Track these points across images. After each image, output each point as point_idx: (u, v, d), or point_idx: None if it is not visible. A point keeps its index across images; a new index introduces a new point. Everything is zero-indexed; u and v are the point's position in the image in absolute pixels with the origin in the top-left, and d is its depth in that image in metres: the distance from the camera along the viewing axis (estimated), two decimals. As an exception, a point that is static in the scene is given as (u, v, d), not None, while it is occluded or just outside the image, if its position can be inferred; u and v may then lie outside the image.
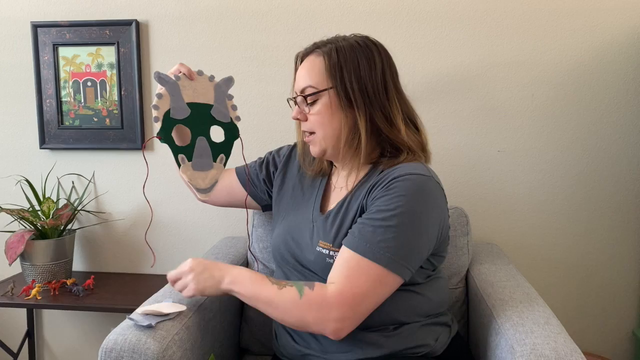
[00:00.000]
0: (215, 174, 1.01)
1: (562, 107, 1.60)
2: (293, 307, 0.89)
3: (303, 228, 1.06)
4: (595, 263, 1.65)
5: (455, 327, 1.10)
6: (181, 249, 1.80)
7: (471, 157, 1.64)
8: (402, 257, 0.89)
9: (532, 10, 1.57)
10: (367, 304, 0.89)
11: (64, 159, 1.82)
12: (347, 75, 0.96)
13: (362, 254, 0.89)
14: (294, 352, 1.05)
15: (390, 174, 0.95)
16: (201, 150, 0.99)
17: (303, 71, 1.01)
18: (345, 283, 0.88)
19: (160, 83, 0.96)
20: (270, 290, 0.92)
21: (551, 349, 0.87)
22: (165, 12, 1.71)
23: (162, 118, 0.94)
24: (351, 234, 0.93)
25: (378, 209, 0.91)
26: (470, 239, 1.41)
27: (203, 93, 1.01)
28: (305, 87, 1.00)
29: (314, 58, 1.00)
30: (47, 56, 1.75)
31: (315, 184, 1.12)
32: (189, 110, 0.98)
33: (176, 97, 0.96)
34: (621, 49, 1.56)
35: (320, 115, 0.99)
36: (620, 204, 1.62)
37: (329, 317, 0.88)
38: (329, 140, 1.00)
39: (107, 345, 0.93)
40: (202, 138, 0.99)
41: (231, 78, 1.06)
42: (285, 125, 1.70)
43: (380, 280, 0.89)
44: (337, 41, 1.00)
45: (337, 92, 0.97)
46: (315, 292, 0.89)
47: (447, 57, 1.61)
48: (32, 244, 1.61)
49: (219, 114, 1.03)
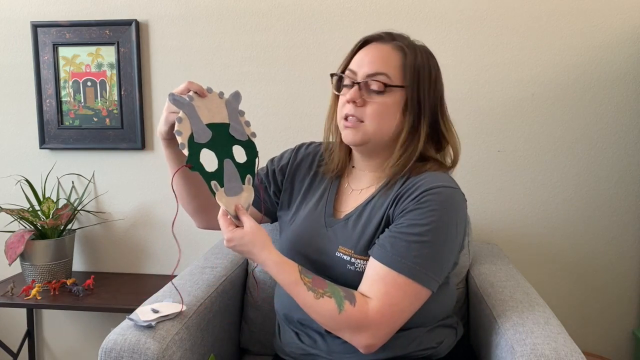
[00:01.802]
0: (247, 197, 0.95)
1: (562, 107, 1.60)
2: (330, 319, 0.87)
3: (314, 233, 1.03)
4: (595, 263, 1.65)
5: (461, 329, 1.10)
6: (182, 249, 1.80)
7: (471, 157, 1.64)
8: (435, 272, 0.90)
9: (532, 10, 1.57)
10: (402, 319, 0.90)
11: (64, 159, 1.82)
12: (422, 81, 0.94)
13: (399, 270, 0.88)
14: (298, 351, 1.04)
15: (418, 184, 0.93)
16: (230, 173, 0.93)
17: (377, 56, 0.95)
18: (385, 300, 0.87)
19: (177, 106, 0.89)
20: (306, 298, 0.88)
21: (551, 349, 0.87)
22: (165, 12, 1.71)
23: (187, 144, 0.88)
24: (382, 247, 0.90)
25: (411, 223, 0.90)
26: (470, 239, 1.41)
27: (217, 112, 0.94)
28: (380, 73, 0.93)
29: (390, 49, 0.95)
30: (47, 56, 1.75)
31: (326, 186, 1.08)
32: (211, 132, 0.92)
33: (195, 120, 0.90)
34: (621, 49, 1.56)
35: (383, 108, 0.94)
36: (620, 204, 1.62)
37: (367, 334, 0.88)
38: (377, 135, 0.96)
39: (107, 345, 0.93)
40: (228, 161, 0.93)
41: (239, 93, 0.99)
42: (285, 125, 1.70)
43: (416, 295, 0.89)
44: (411, 40, 0.98)
45: (410, 93, 0.94)
46: (357, 310, 0.87)
47: (447, 57, 1.61)
48: (32, 244, 1.61)
49: (237, 133, 0.96)
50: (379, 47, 0.96)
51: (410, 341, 0.96)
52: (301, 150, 1.15)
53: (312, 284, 0.89)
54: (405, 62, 0.94)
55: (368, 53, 0.96)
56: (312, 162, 1.13)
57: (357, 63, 0.97)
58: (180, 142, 0.87)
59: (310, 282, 0.90)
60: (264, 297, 1.35)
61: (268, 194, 1.14)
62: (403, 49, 0.95)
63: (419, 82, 0.94)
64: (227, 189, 0.92)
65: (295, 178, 1.13)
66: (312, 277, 0.91)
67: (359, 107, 0.95)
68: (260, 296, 1.36)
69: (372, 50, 0.96)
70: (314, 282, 0.90)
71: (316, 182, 1.10)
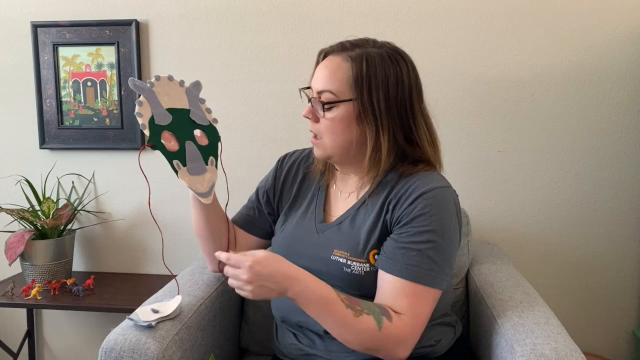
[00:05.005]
0: (210, 177, 1.00)
1: (562, 107, 1.60)
2: (370, 337, 0.86)
3: (306, 239, 1.03)
4: (595, 263, 1.65)
5: (459, 328, 1.10)
6: (182, 250, 1.80)
7: (471, 157, 1.64)
8: (445, 272, 0.92)
9: (532, 10, 1.57)
10: (425, 326, 0.91)
11: (64, 159, 1.82)
12: (375, 91, 0.92)
13: (417, 281, 0.89)
14: (297, 352, 1.04)
15: (411, 189, 0.93)
16: (192, 154, 0.98)
17: (326, 72, 0.95)
18: (414, 314, 0.89)
19: (137, 90, 0.95)
20: (345, 315, 0.85)
21: (551, 349, 0.87)
22: (165, 12, 1.71)
23: (148, 125, 0.94)
24: (394, 260, 0.90)
25: (417, 232, 0.90)
26: (470, 239, 1.41)
27: (177, 98, 1.01)
28: (325, 90, 0.94)
29: (340, 61, 0.94)
30: (47, 56, 1.75)
31: (314, 192, 1.09)
32: (171, 116, 0.98)
33: (155, 104, 0.96)
34: (621, 49, 1.56)
35: (334, 124, 0.95)
36: (620, 204, 1.62)
37: (403, 348, 0.88)
38: (336, 150, 0.97)
39: (107, 345, 0.93)
40: (190, 142, 0.99)
41: (199, 82, 1.06)
42: (285, 125, 1.70)
43: (434, 299, 0.92)
44: (367, 47, 0.95)
45: (361, 105, 0.92)
46: (395, 326, 0.87)
47: (447, 57, 1.61)
48: (32, 244, 1.61)
49: (198, 118, 1.02)
50: (331, 59, 0.96)
51: None
52: (284, 161, 1.17)
53: (348, 301, 0.87)
54: (355, 74, 0.92)
55: (321, 68, 0.97)
56: (299, 167, 1.15)
57: (314, 78, 0.99)
58: (141, 124, 0.93)
59: (346, 299, 0.88)
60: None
61: (264, 217, 1.17)
62: (351, 60, 0.93)
63: (370, 91, 0.92)
64: (190, 169, 0.97)
65: (284, 188, 1.15)
66: (345, 294, 0.89)
67: (314, 123, 0.98)
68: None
69: (324, 64, 0.97)
70: (349, 299, 0.88)
71: (304, 187, 1.12)
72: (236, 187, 1.47)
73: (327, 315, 0.86)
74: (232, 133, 1.73)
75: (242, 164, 1.73)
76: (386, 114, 0.93)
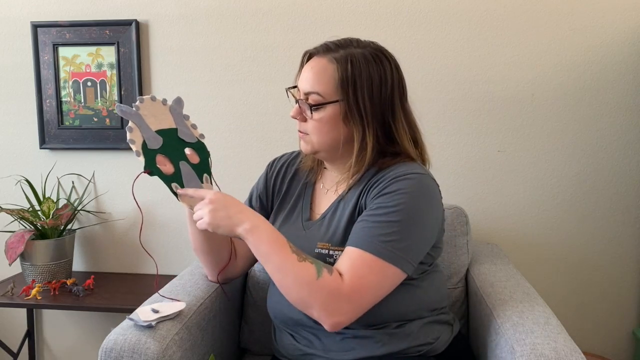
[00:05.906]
0: None
1: (562, 107, 1.60)
2: (306, 284, 0.88)
3: (292, 238, 1.04)
4: (595, 263, 1.65)
5: (457, 326, 1.10)
6: (179, 249, 1.80)
7: (471, 157, 1.64)
8: (403, 250, 0.90)
9: (532, 10, 1.57)
10: (370, 298, 0.90)
11: (64, 159, 1.82)
12: (360, 91, 0.94)
13: (365, 248, 0.90)
14: (295, 352, 1.04)
15: (389, 173, 0.96)
16: (187, 174, 0.99)
17: (311, 74, 0.97)
18: (355, 275, 0.89)
19: (124, 116, 0.94)
20: (288, 258, 0.89)
21: (551, 349, 0.87)
22: (165, 12, 1.71)
23: (142, 151, 0.93)
24: (354, 232, 0.93)
25: (379, 206, 0.92)
26: (470, 238, 1.41)
27: (163, 118, 0.99)
28: (312, 92, 0.97)
29: (325, 63, 0.96)
30: (47, 56, 1.75)
31: (300, 191, 1.12)
32: (161, 138, 0.97)
33: (144, 128, 0.95)
34: (621, 49, 1.56)
35: (321, 124, 0.97)
36: (620, 204, 1.62)
37: (336, 308, 0.88)
38: (324, 147, 1.00)
39: (107, 345, 0.93)
40: (183, 163, 0.99)
41: (180, 99, 1.04)
42: (285, 125, 1.70)
43: (384, 273, 0.90)
44: (351, 48, 0.97)
45: (347, 106, 0.95)
46: (332, 279, 0.88)
47: (447, 57, 1.61)
48: (32, 244, 1.61)
49: (186, 136, 1.02)
50: (317, 61, 0.98)
51: (405, 337, 0.97)
52: (274, 164, 1.20)
53: (296, 248, 0.92)
54: (340, 76, 0.95)
55: (307, 69, 0.99)
56: (289, 167, 1.17)
57: (300, 79, 1.01)
58: (135, 150, 0.93)
59: (296, 248, 0.92)
60: (263, 296, 1.35)
61: None
62: (336, 62, 0.95)
63: (356, 92, 0.94)
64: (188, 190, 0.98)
65: (275, 190, 1.17)
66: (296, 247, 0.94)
67: (302, 122, 1.01)
68: (260, 296, 1.36)
69: (310, 66, 0.99)
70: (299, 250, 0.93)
71: (294, 185, 1.14)
72: (236, 187, 1.47)
73: (273, 254, 0.90)
74: (232, 133, 1.73)
75: (242, 164, 1.73)
76: (371, 113, 0.96)
